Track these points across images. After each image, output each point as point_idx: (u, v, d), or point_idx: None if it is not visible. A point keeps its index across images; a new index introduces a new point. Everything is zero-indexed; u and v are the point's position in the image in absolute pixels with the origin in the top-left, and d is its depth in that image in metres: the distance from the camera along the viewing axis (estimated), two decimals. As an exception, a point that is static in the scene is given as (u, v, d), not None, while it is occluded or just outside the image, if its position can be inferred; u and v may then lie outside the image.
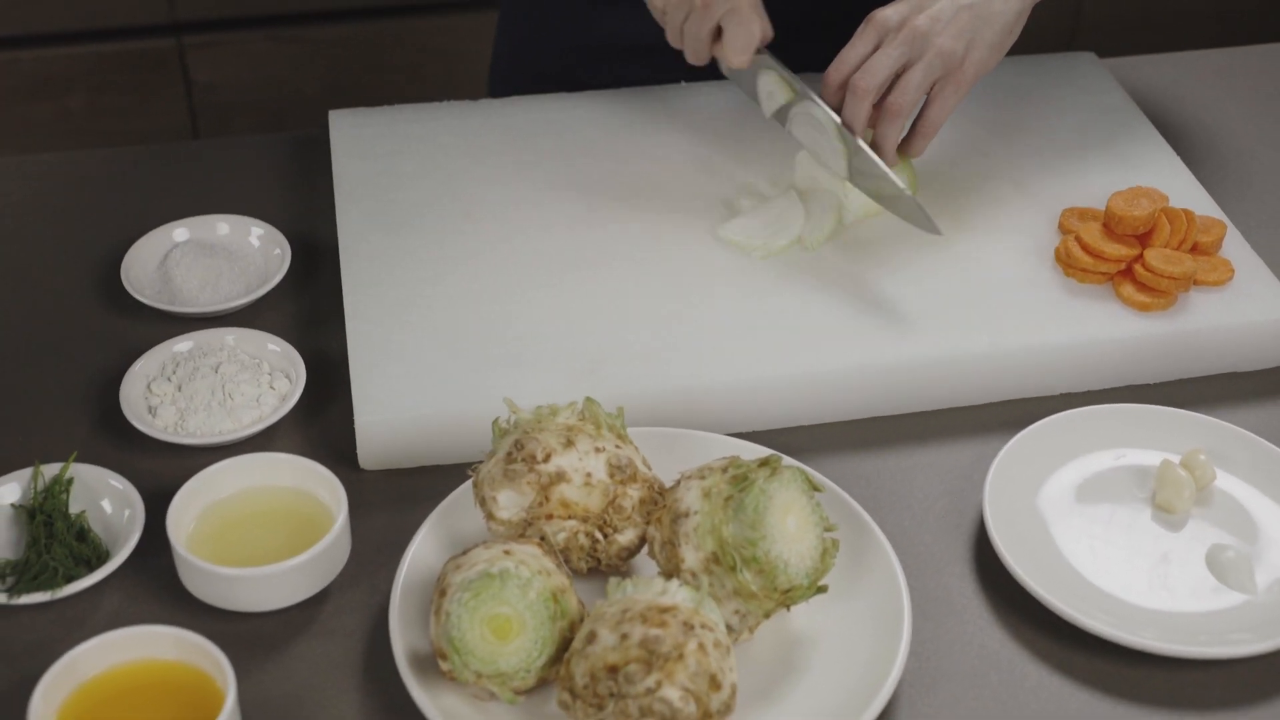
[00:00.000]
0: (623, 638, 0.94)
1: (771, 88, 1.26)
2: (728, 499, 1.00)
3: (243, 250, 1.32)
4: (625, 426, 1.10)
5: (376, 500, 1.15)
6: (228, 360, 1.20)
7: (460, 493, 1.10)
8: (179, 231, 1.32)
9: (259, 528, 1.09)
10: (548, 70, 1.57)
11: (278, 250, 1.32)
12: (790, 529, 1.00)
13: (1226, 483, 1.15)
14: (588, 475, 1.04)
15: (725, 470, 1.02)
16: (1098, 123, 1.43)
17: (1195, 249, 1.27)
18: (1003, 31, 1.23)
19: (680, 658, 0.93)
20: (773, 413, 1.19)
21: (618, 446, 1.06)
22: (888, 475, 1.17)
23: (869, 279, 1.26)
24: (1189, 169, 1.39)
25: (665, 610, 0.95)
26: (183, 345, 1.22)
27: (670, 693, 0.92)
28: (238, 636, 1.04)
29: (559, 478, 1.03)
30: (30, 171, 1.46)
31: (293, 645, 1.05)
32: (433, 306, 1.23)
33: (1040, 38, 1.28)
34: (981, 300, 1.24)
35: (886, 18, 1.22)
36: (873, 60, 1.21)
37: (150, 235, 1.32)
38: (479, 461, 1.10)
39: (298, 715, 1.01)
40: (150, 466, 1.16)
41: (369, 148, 1.39)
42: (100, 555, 1.08)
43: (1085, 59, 1.52)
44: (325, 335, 1.27)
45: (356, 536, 1.11)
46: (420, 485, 1.16)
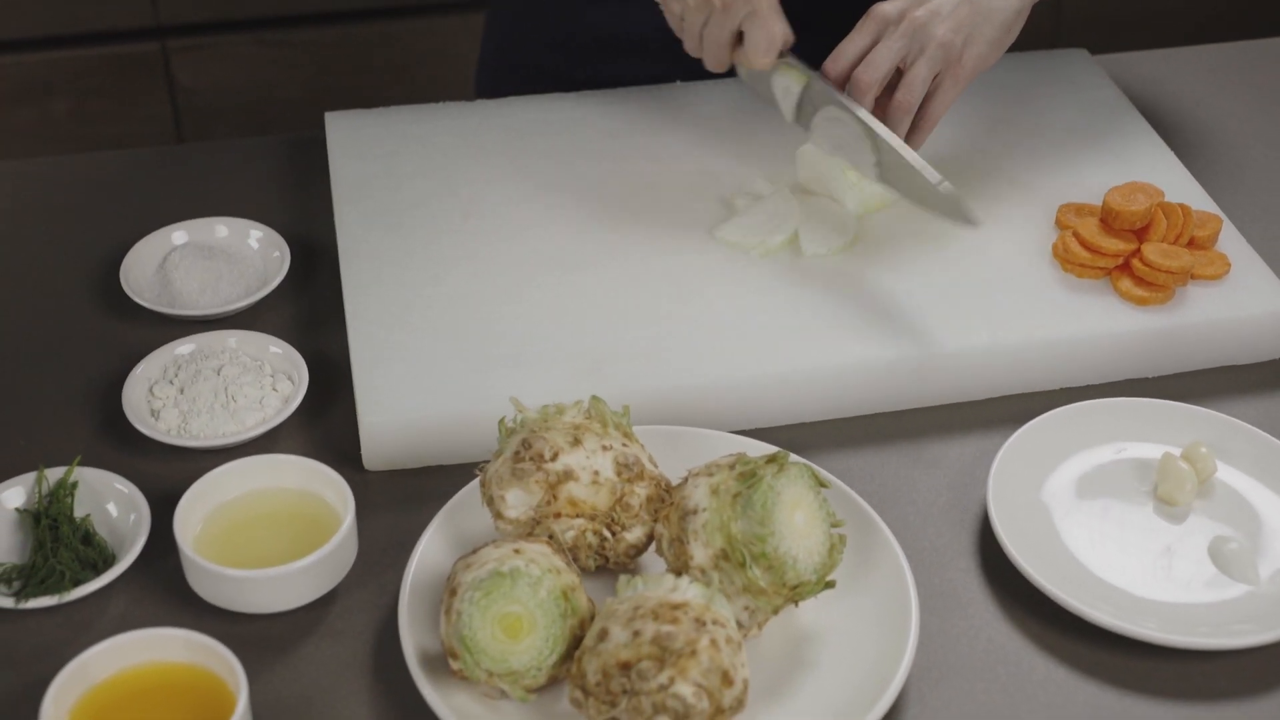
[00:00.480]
0: (635, 634, 0.94)
1: (787, 82, 1.26)
2: (736, 496, 1.00)
3: (241, 253, 1.32)
4: (631, 425, 1.10)
5: (381, 501, 1.15)
6: (230, 362, 1.20)
7: (466, 492, 1.10)
8: (178, 234, 1.32)
9: (265, 529, 1.09)
10: (535, 67, 1.57)
11: (276, 253, 1.32)
12: (798, 525, 1.00)
13: (1227, 475, 1.15)
14: (595, 473, 1.04)
15: (733, 467, 1.02)
16: (1091, 119, 1.44)
17: (1192, 243, 1.28)
18: (1001, 29, 1.24)
19: (693, 654, 0.93)
20: (774, 410, 1.20)
21: (624, 445, 1.06)
22: (890, 471, 1.18)
23: (868, 276, 1.27)
24: (1183, 164, 1.40)
25: (677, 607, 0.95)
26: (184, 348, 1.22)
27: (683, 689, 0.92)
28: (246, 638, 1.04)
29: (567, 476, 1.04)
30: (26, 175, 1.46)
31: (301, 646, 1.05)
32: (433, 307, 1.23)
33: (1022, 36, 1.29)
34: (981, 296, 1.24)
35: (886, 12, 1.23)
36: (874, 54, 1.21)
37: (148, 238, 1.32)
38: (485, 461, 1.10)
39: (307, 716, 1.01)
40: (153, 469, 1.16)
41: (366, 149, 1.39)
42: (106, 559, 1.08)
43: (1077, 55, 1.52)
44: (325, 337, 1.27)
45: (362, 537, 1.11)
46: (424, 485, 1.16)
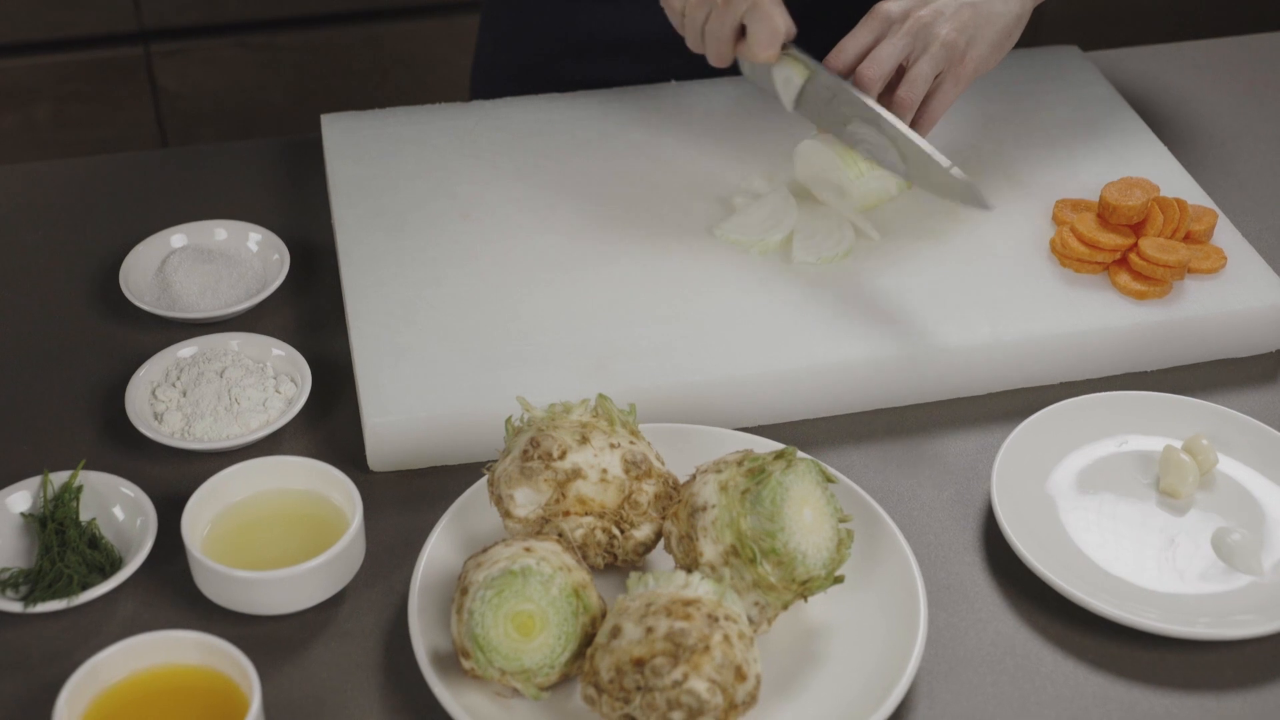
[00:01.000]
0: (648, 631, 0.94)
1: (789, 73, 1.26)
2: (745, 492, 1.01)
3: (240, 255, 1.32)
4: (638, 422, 1.10)
5: (386, 502, 1.15)
6: (232, 365, 1.20)
7: (472, 492, 1.10)
8: (176, 237, 1.32)
9: (272, 531, 1.09)
10: (531, 67, 1.58)
11: (276, 255, 1.31)
12: (807, 520, 1.01)
13: (1228, 467, 1.16)
14: (603, 471, 1.04)
15: (741, 463, 1.03)
16: (1085, 115, 1.45)
17: (1188, 238, 1.29)
18: (1002, 32, 1.25)
19: (706, 649, 0.93)
20: (777, 407, 1.20)
21: (631, 443, 1.07)
22: (894, 466, 1.18)
23: (868, 272, 1.27)
24: (1176, 159, 1.41)
25: (689, 603, 0.95)
26: (186, 351, 1.21)
27: (697, 684, 0.93)
28: (255, 640, 1.04)
29: (575, 474, 1.04)
30: (20, 179, 1.45)
31: (311, 647, 1.05)
32: (435, 307, 1.23)
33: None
34: (980, 292, 1.25)
35: (890, 10, 1.24)
36: (879, 51, 1.22)
37: (147, 242, 1.31)
38: (492, 460, 1.10)
39: (319, 717, 1.01)
40: (157, 472, 1.16)
41: (362, 151, 1.39)
42: (114, 562, 1.08)
43: (1069, 52, 1.53)
44: (326, 338, 1.27)
45: (368, 538, 1.11)
46: (429, 486, 1.16)
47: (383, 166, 1.37)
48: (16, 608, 1.04)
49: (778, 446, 1.12)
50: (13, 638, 1.05)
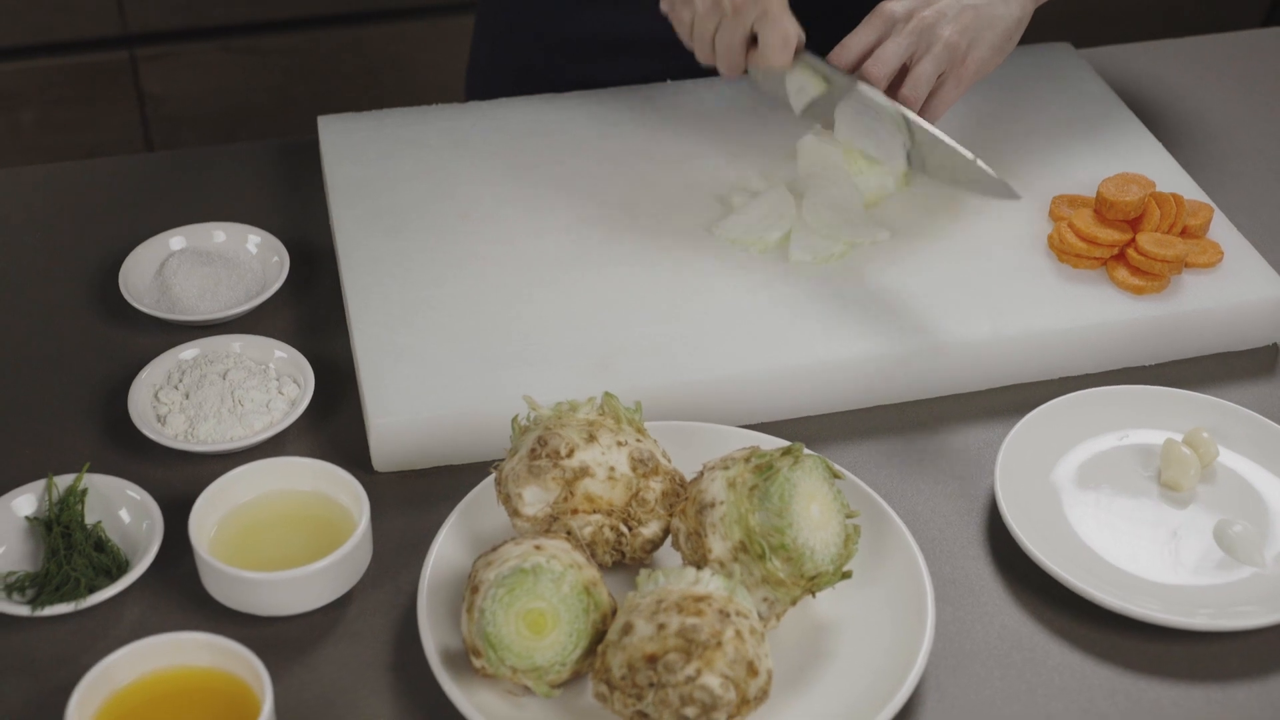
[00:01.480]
0: (660, 628, 0.94)
1: (803, 83, 1.27)
2: (753, 488, 1.01)
3: (239, 257, 1.31)
4: (643, 421, 1.10)
5: (391, 502, 1.15)
6: (235, 367, 1.20)
7: (478, 492, 1.10)
8: (175, 240, 1.32)
9: (279, 532, 1.09)
10: (527, 68, 1.58)
11: (275, 258, 1.31)
12: (815, 516, 1.01)
13: (1229, 459, 1.17)
14: (611, 469, 1.05)
15: (748, 460, 1.03)
16: (1079, 111, 1.45)
17: (1185, 232, 1.30)
18: (1003, 36, 1.26)
19: (718, 645, 0.93)
20: (779, 404, 1.20)
21: (638, 440, 1.07)
22: (896, 462, 1.19)
23: (868, 270, 1.28)
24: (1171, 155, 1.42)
25: (700, 599, 0.96)
26: (188, 353, 1.21)
27: (710, 680, 0.93)
28: (263, 641, 1.04)
29: (583, 473, 1.04)
30: (16, 182, 1.45)
31: (320, 648, 1.05)
32: (437, 308, 1.23)
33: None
34: (980, 288, 1.26)
35: (893, 10, 1.25)
36: (883, 49, 1.23)
37: (146, 244, 1.31)
38: (497, 460, 1.11)
39: (328, 717, 1.01)
40: (161, 475, 1.15)
41: (360, 152, 1.39)
42: (120, 565, 1.07)
43: (1062, 49, 1.54)
44: (326, 340, 1.27)
45: (374, 538, 1.11)
46: (433, 486, 1.16)
47: (380, 168, 1.37)
48: (24, 611, 1.04)
49: (782, 443, 1.12)
50: (19, 641, 1.05)
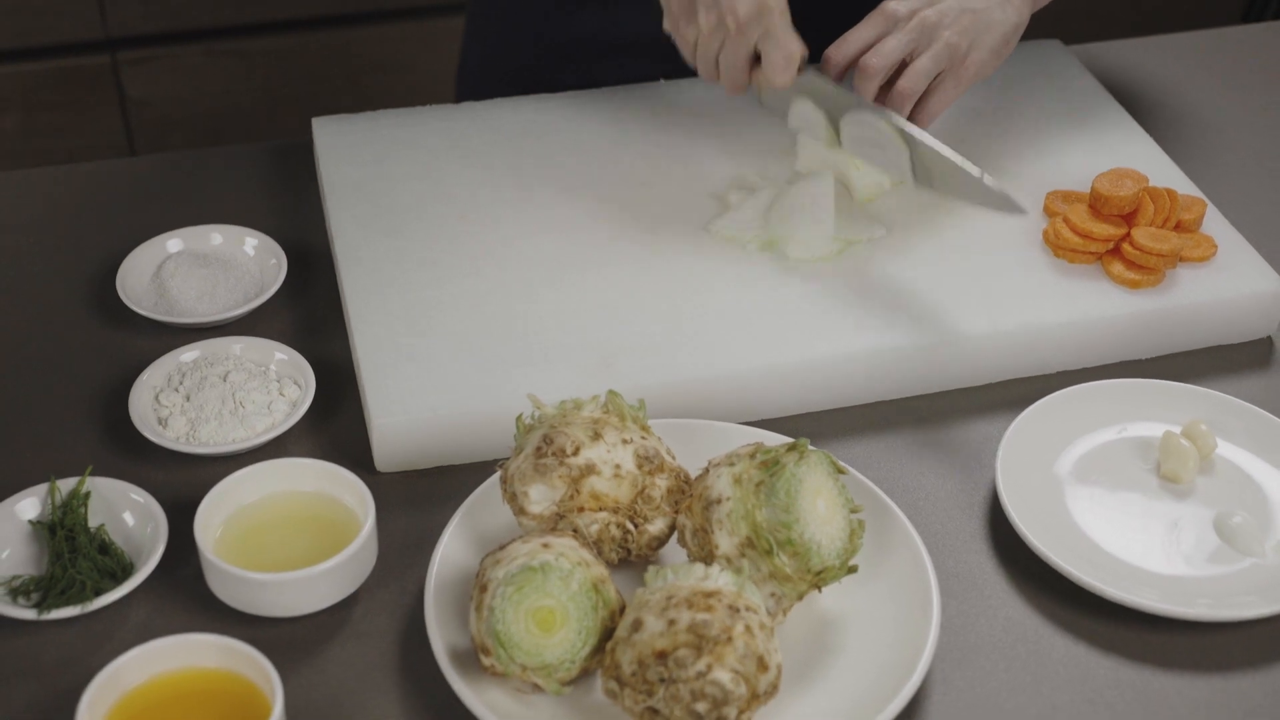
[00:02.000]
0: (670, 623, 0.95)
1: (805, 110, 1.29)
2: (759, 484, 1.01)
3: (236, 259, 1.31)
4: (648, 418, 1.11)
5: (394, 502, 1.15)
6: (235, 369, 1.20)
7: (482, 491, 1.10)
8: (172, 242, 1.32)
9: (284, 533, 1.09)
10: (520, 69, 1.58)
11: (274, 260, 1.31)
12: (820, 511, 1.02)
13: (1227, 451, 1.18)
14: (616, 467, 1.05)
15: (753, 456, 1.03)
16: (1070, 107, 1.46)
17: (1179, 227, 1.30)
18: (1001, 40, 1.27)
19: (729, 640, 0.94)
20: (780, 400, 1.21)
21: (643, 438, 1.07)
22: (897, 457, 1.19)
23: (864, 267, 1.28)
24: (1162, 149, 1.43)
25: (710, 594, 0.96)
26: (188, 355, 1.21)
27: (721, 675, 0.93)
28: (269, 642, 1.04)
29: (589, 470, 1.04)
30: (9, 186, 1.44)
31: (326, 649, 1.05)
32: (437, 308, 1.23)
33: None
34: (977, 283, 1.26)
35: (895, 9, 1.26)
36: (884, 43, 1.24)
37: (143, 247, 1.31)
38: (504, 458, 1.11)
39: (336, 718, 1.01)
40: (163, 477, 1.15)
41: (355, 153, 1.39)
42: (125, 568, 1.07)
43: (1052, 46, 1.55)
44: (325, 341, 1.27)
45: (378, 539, 1.11)
46: (436, 485, 1.16)
47: (376, 169, 1.37)
48: (30, 615, 1.03)
49: (785, 440, 1.12)
50: (24, 645, 1.05)
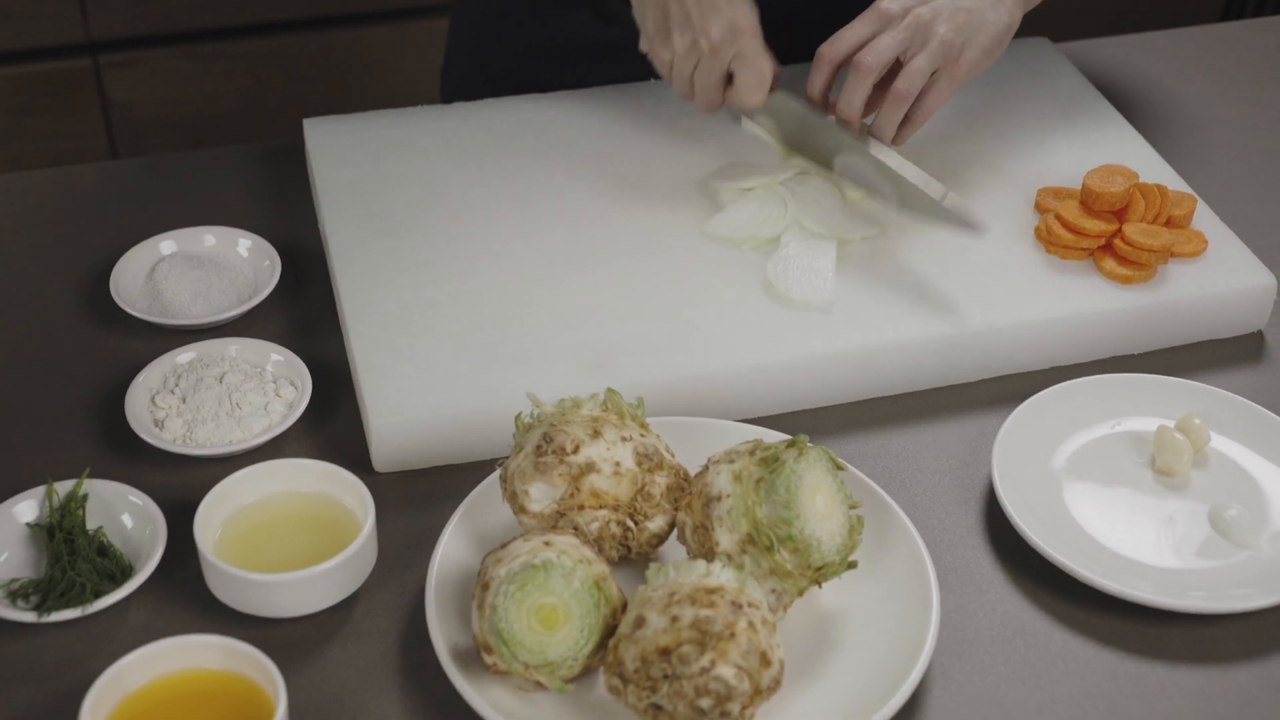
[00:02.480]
0: (673, 620, 0.95)
1: (759, 130, 1.33)
2: (759, 481, 1.02)
3: (230, 261, 1.31)
4: (646, 416, 1.11)
5: (393, 502, 1.15)
6: (231, 370, 1.20)
7: (481, 490, 1.11)
8: (165, 244, 1.32)
9: (283, 533, 1.09)
10: (506, 71, 1.58)
11: (267, 261, 1.31)
12: (820, 507, 1.02)
13: (1220, 444, 1.19)
14: (616, 464, 1.05)
15: (753, 453, 1.04)
16: (1059, 104, 1.47)
17: (1169, 223, 1.31)
18: (994, 40, 1.28)
19: (732, 636, 0.94)
20: (777, 398, 1.21)
21: (642, 435, 1.07)
22: (893, 454, 1.20)
23: (857, 265, 1.29)
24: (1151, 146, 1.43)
25: (713, 591, 0.96)
26: (184, 357, 1.21)
27: (725, 671, 0.93)
28: (270, 643, 1.03)
29: (589, 468, 1.04)
30: (2, 189, 1.44)
31: (327, 649, 1.05)
32: (433, 308, 1.23)
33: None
34: (970, 280, 1.27)
35: (890, 8, 1.26)
36: (879, 40, 1.24)
37: (136, 249, 1.31)
38: (503, 457, 1.11)
39: (338, 718, 1.01)
40: (160, 479, 1.15)
41: (347, 155, 1.39)
42: (124, 569, 1.07)
43: (1040, 44, 1.56)
44: (320, 342, 1.27)
45: (378, 539, 1.11)
46: (434, 485, 1.16)
47: (369, 170, 1.37)
48: (30, 618, 1.03)
49: (782, 437, 1.13)
50: (24, 647, 1.05)
